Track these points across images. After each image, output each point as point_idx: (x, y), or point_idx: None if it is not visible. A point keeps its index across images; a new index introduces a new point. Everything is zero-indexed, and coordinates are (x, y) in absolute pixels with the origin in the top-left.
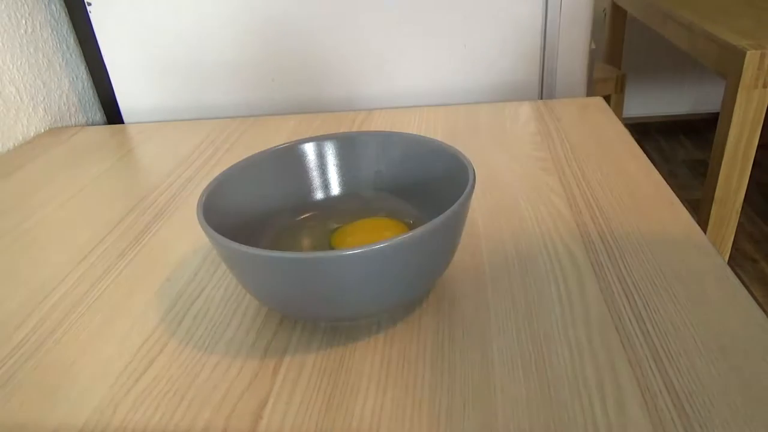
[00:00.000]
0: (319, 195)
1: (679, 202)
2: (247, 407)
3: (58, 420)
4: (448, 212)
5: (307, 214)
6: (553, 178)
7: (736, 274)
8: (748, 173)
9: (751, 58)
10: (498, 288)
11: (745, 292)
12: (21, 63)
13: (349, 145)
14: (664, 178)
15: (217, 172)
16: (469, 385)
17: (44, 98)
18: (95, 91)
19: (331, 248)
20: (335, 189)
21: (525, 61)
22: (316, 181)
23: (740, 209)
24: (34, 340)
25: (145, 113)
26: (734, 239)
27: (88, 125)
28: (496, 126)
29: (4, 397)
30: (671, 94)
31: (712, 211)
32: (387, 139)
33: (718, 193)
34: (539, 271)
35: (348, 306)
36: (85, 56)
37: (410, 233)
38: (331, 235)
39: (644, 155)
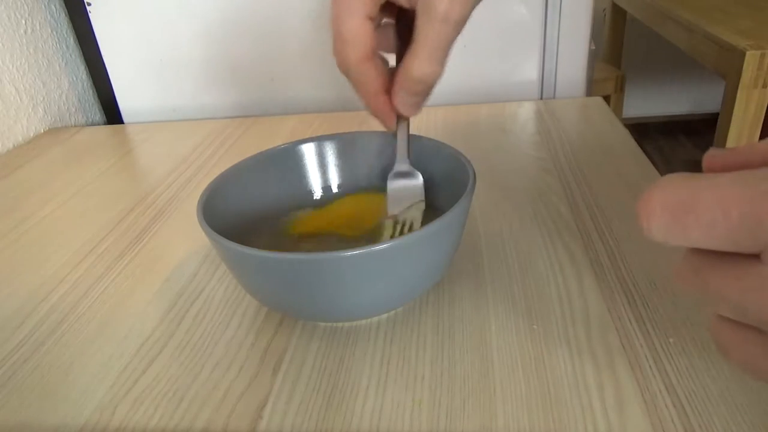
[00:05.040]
0: (318, 195)
1: None
2: (247, 407)
3: (58, 420)
4: (448, 213)
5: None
6: (553, 178)
7: None
8: None
9: (751, 58)
10: (498, 288)
11: None
12: (21, 63)
13: (349, 145)
14: None
15: (217, 172)
16: (469, 385)
17: (44, 98)
18: (95, 91)
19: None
20: (335, 189)
21: (525, 61)
22: (316, 181)
23: None
24: (33, 341)
25: (145, 113)
26: None
27: (88, 125)
28: (496, 126)
29: (4, 397)
30: (671, 94)
31: None
32: (387, 139)
33: None
34: (539, 271)
35: (347, 307)
36: (84, 56)
37: (410, 234)
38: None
39: (644, 155)
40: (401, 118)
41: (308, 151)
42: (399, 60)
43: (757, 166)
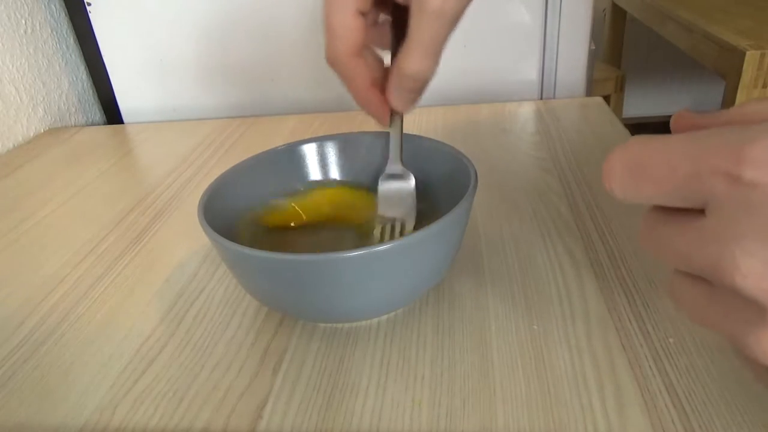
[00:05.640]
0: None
1: None
2: (247, 407)
3: (58, 420)
4: (450, 214)
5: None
6: (553, 178)
7: None
8: None
9: (751, 58)
10: (498, 288)
11: None
12: (21, 63)
13: (349, 146)
14: None
15: (217, 172)
16: (469, 385)
17: (44, 98)
18: (95, 91)
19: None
20: None
21: (525, 61)
22: (317, 181)
23: None
24: (34, 340)
25: (145, 113)
26: None
27: (88, 125)
28: (496, 126)
29: (4, 397)
30: (671, 94)
31: None
32: (388, 139)
33: None
34: (539, 271)
35: (348, 308)
36: (85, 56)
37: (412, 235)
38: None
39: None
40: (395, 115)
41: (309, 151)
42: (394, 57)
43: None
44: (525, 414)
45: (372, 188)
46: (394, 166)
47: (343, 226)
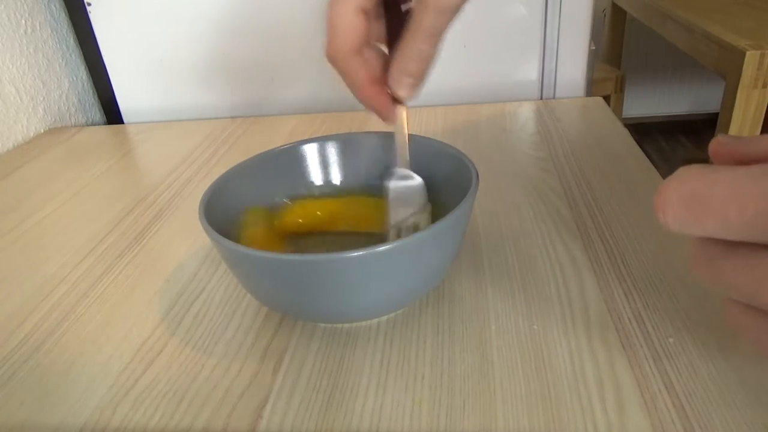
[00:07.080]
0: (320, 195)
1: None
2: (247, 407)
3: (58, 420)
4: (452, 214)
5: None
6: (553, 178)
7: None
8: None
9: (751, 58)
10: (498, 288)
11: None
12: (21, 63)
13: (350, 146)
14: (664, 178)
15: (217, 172)
16: (469, 385)
17: (44, 98)
18: (95, 91)
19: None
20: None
21: (525, 62)
22: (318, 181)
23: None
24: (34, 340)
25: (145, 113)
26: None
27: (88, 125)
28: (496, 126)
29: (4, 397)
30: (671, 94)
31: None
32: (389, 139)
33: None
34: (539, 271)
35: (347, 308)
36: (84, 56)
37: (413, 235)
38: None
39: (644, 155)
40: (399, 108)
41: (310, 151)
42: (390, 49)
43: (764, 159)
44: (525, 414)
45: (374, 189)
46: (401, 167)
47: (346, 231)
